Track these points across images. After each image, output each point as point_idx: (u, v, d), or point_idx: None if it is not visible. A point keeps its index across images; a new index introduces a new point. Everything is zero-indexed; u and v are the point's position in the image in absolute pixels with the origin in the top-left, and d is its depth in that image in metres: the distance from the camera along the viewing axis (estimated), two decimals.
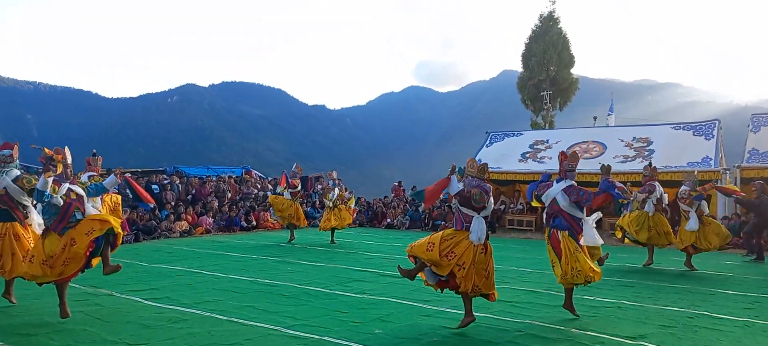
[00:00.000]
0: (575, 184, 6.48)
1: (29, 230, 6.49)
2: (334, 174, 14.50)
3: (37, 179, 5.89)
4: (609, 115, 24.22)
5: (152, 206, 9.78)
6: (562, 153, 6.82)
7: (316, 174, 24.13)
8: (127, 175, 6.36)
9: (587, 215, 6.55)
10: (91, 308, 6.56)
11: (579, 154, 17.44)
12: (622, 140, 17.53)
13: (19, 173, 6.50)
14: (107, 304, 6.77)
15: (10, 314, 6.28)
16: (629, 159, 16.48)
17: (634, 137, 17.52)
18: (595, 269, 6.16)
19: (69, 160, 6.11)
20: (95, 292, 7.43)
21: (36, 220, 6.53)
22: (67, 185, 5.90)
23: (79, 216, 5.86)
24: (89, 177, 9.31)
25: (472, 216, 5.63)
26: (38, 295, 7.14)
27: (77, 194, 5.92)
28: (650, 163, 11.41)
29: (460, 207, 5.73)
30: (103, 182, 6.61)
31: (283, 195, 13.85)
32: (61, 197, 5.76)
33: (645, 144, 17.00)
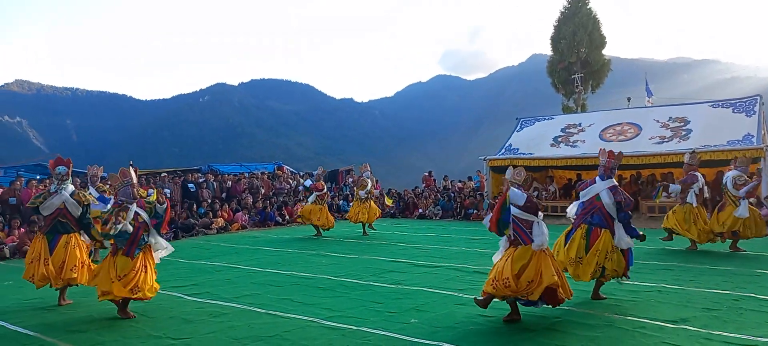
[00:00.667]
0: (617, 184, 6.37)
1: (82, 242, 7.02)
2: (368, 167, 14.48)
3: (91, 196, 6.21)
4: (649, 97, 23.28)
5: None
6: (610, 151, 6.53)
7: (347, 167, 24.31)
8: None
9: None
10: (136, 305, 6.74)
11: (614, 136, 17.19)
12: (658, 121, 17.06)
13: (74, 188, 7.00)
14: (151, 300, 6.97)
15: (59, 311, 6.54)
16: (666, 140, 16.05)
17: (671, 117, 17.04)
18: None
19: (135, 179, 6.25)
20: None
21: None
22: (134, 209, 6.08)
23: (147, 239, 6.19)
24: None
25: (532, 221, 5.45)
26: (85, 293, 7.41)
27: (143, 219, 6.11)
28: (694, 151, 10.85)
29: (520, 216, 5.50)
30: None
31: (308, 202, 14.24)
32: (129, 223, 5.98)
33: (682, 124, 16.51)
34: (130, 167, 6.50)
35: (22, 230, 11.77)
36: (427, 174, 22.44)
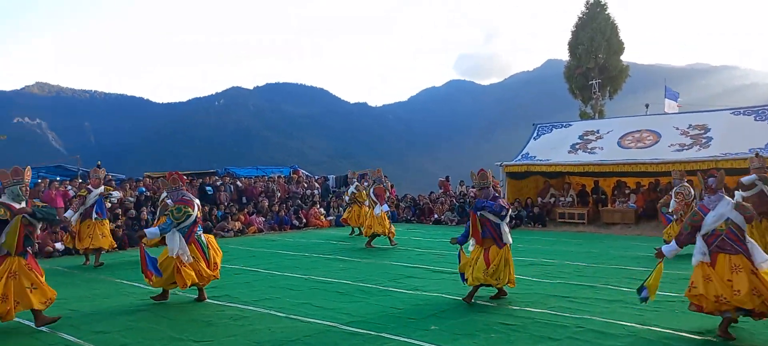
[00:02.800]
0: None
1: None
2: (381, 172, 14.09)
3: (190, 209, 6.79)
4: (674, 100, 22.57)
5: None
6: (713, 169, 5.61)
7: (362, 171, 24.32)
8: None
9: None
10: (157, 307, 6.84)
11: (633, 143, 16.99)
12: (678, 128, 16.86)
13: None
14: (172, 301, 7.05)
15: (83, 312, 6.62)
16: (686, 147, 15.84)
17: (690, 125, 16.82)
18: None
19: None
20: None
21: None
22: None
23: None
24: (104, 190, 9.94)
25: (500, 222, 6.67)
26: (107, 295, 7.52)
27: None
28: (757, 153, 9.96)
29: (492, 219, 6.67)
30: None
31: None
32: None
33: (702, 131, 16.30)
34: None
35: (46, 231, 11.95)
36: (443, 179, 22.37)
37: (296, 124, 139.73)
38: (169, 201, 7.52)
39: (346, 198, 15.60)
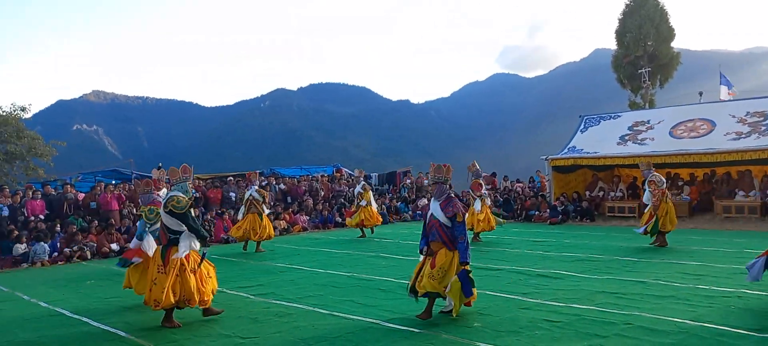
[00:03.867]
0: None
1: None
2: (476, 166, 12.89)
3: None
4: (729, 89, 21.48)
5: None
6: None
7: (405, 168, 24.32)
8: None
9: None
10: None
11: (685, 133, 16.34)
12: (734, 116, 16.07)
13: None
14: (220, 300, 7.23)
15: (137, 310, 6.88)
16: (743, 136, 15.09)
17: (748, 112, 16.00)
18: None
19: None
20: None
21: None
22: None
23: None
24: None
25: (449, 225, 5.95)
26: None
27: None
28: None
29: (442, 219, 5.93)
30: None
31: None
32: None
33: (761, 119, 15.48)
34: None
35: (102, 233, 12.51)
36: (489, 175, 22.06)
37: (340, 123, 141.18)
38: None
39: (356, 199, 14.57)
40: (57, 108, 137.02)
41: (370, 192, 14.63)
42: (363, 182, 15.03)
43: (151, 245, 6.81)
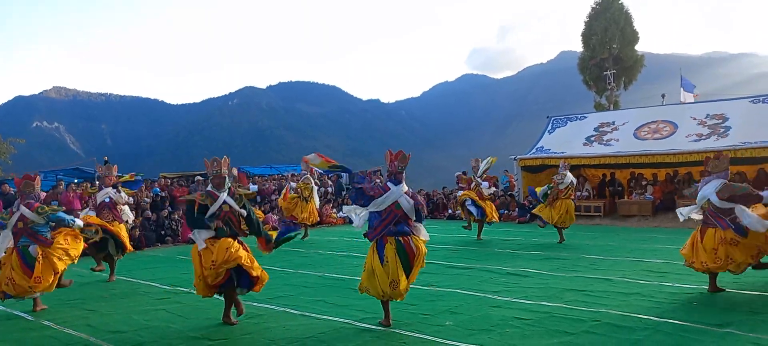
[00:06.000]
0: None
1: None
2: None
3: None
4: (690, 91, 21.87)
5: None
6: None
7: (375, 168, 24.30)
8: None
9: None
10: (173, 306, 6.90)
11: (649, 135, 16.77)
12: (695, 118, 16.59)
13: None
14: (187, 301, 7.10)
15: (101, 312, 6.68)
16: (703, 137, 15.59)
17: (708, 114, 16.54)
18: None
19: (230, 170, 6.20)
20: (175, 290, 7.81)
21: None
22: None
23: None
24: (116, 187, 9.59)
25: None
26: (125, 295, 7.59)
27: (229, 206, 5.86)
28: None
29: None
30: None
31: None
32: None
33: (720, 121, 16.02)
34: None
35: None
36: (462, 174, 22.12)
37: (310, 123, 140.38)
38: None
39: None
40: (15, 104, 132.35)
41: (310, 186, 13.81)
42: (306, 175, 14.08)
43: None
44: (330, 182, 21.07)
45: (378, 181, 16.63)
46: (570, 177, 11.73)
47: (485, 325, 5.56)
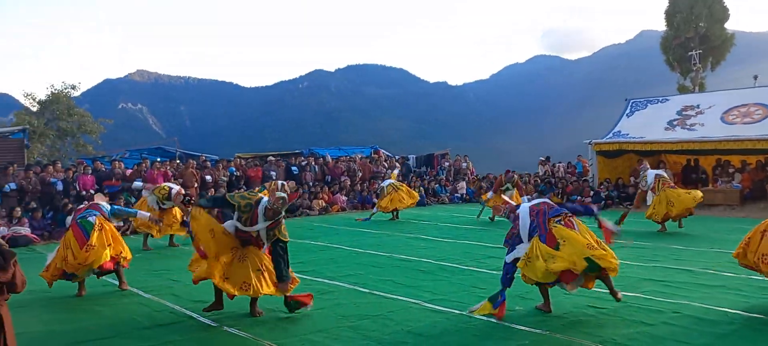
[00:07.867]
0: None
1: None
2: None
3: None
4: None
5: None
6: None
7: (442, 151, 24.17)
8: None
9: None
10: None
11: (738, 119, 15.69)
12: None
13: None
14: None
15: (185, 283, 7.09)
16: None
17: None
18: None
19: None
20: None
21: None
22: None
23: None
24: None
25: None
26: None
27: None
28: None
29: None
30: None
31: None
32: None
33: None
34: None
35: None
36: (543, 159, 21.54)
37: (377, 105, 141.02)
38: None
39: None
40: (103, 86, 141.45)
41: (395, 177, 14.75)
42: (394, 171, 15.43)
43: None
44: (397, 165, 21.16)
45: (447, 163, 16.44)
46: (651, 176, 11.24)
47: (557, 311, 5.45)
